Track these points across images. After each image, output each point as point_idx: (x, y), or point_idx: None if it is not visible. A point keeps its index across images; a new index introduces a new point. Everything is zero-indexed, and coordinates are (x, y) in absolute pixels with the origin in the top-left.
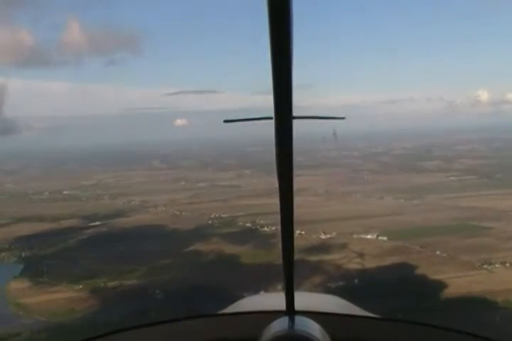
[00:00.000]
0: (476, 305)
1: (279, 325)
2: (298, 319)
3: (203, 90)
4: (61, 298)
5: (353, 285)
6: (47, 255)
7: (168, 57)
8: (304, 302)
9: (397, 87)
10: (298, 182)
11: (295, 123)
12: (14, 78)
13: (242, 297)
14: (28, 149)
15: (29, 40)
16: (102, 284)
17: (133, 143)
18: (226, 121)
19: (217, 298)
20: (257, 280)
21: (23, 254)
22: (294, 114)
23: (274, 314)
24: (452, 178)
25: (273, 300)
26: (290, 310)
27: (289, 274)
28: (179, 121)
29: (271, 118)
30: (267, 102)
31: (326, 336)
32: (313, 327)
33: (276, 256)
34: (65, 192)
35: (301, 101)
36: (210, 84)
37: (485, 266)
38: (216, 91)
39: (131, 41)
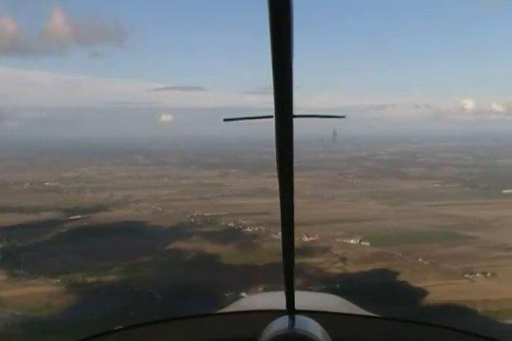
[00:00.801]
0: (455, 313)
1: (279, 324)
2: (298, 318)
3: (189, 87)
4: (38, 292)
5: (335, 289)
6: (25, 247)
7: (155, 52)
8: (304, 302)
9: (384, 92)
10: None
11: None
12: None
13: (223, 297)
14: (11, 139)
15: (10, 27)
16: (80, 279)
17: (117, 137)
18: (226, 120)
19: (197, 297)
20: (238, 281)
21: (0, 245)
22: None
23: (274, 313)
24: (436, 185)
25: (273, 299)
26: (290, 310)
27: (289, 273)
28: (164, 117)
29: (271, 116)
30: (254, 102)
31: (327, 335)
32: (314, 327)
33: (257, 257)
34: (46, 184)
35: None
36: (197, 82)
37: (466, 276)
38: (203, 88)
39: (117, 33)
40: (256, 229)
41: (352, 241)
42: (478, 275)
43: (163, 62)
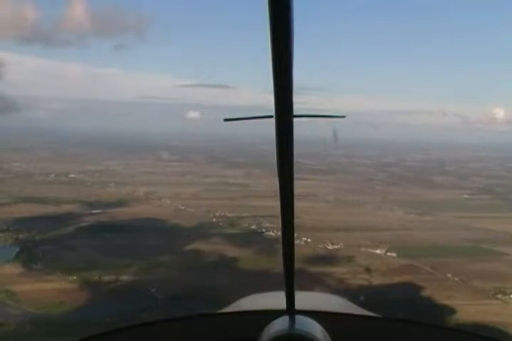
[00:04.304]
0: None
1: (280, 324)
2: (298, 318)
3: (216, 85)
4: (53, 289)
5: (357, 302)
6: (44, 240)
7: (181, 47)
8: (305, 302)
9: (412, 98)
10: (307, 187)
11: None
12: (27, 56)
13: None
14: (37, 128)
15: (33, 16)
16: (97, 277)
17: (143, 132)
18: (226, 120)
19: (212, 302)
20: (252, 288)
21: (20, 237)
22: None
23: (275, 313)
24: (465, 196)
25: (273, 299)
26: (290, 310)
27: (290, 273)
28: (191, 114)
29: (271, 116)
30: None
31: (327, 335)
32: (314, 327)
33: (277, 264)
34: (71, 176)
35: (310, 103)
36: (224, 79)
37: (499, 296)
38: (229, 86)
39: (138, 25)
40: (279, 233)
41: (378, 252)
42: None
43: (185, 56)
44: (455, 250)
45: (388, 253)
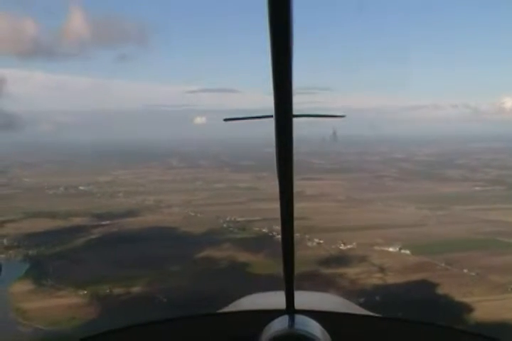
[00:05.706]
0: (507, 334)
1: (279, 323)
2: (298, 318)
3: (222, 89)
4: (64, 304)
5: (374, 301)
6: (54, 254)
7: (185, 53)
8: (304, 301)
9: (421, 92)
10: (318, 187)
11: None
12: (30, 71)
13: None
14: (46, 142)
15: (33, 29)
16: (108, 291)
17: (151, 140)
18: (226, 120)
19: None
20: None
21: (30, 253)
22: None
23: (274, 313)
24: (477, 188)
25: (273, 298)
26: (290, 309)
27: (289, 273)
28: (198, 119)
29: (271, 116)
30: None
31: (326, 335)
32: (313, 326)
33: None
34: (80, 188)
35: (319, 102)
36: (229, 84)
37: None
38: (235, 90)
39: (142, 34)
40: None
41: (391, 250)
42: None
43: (191, 64)
44: (470, 244)
45: (402, 251)
